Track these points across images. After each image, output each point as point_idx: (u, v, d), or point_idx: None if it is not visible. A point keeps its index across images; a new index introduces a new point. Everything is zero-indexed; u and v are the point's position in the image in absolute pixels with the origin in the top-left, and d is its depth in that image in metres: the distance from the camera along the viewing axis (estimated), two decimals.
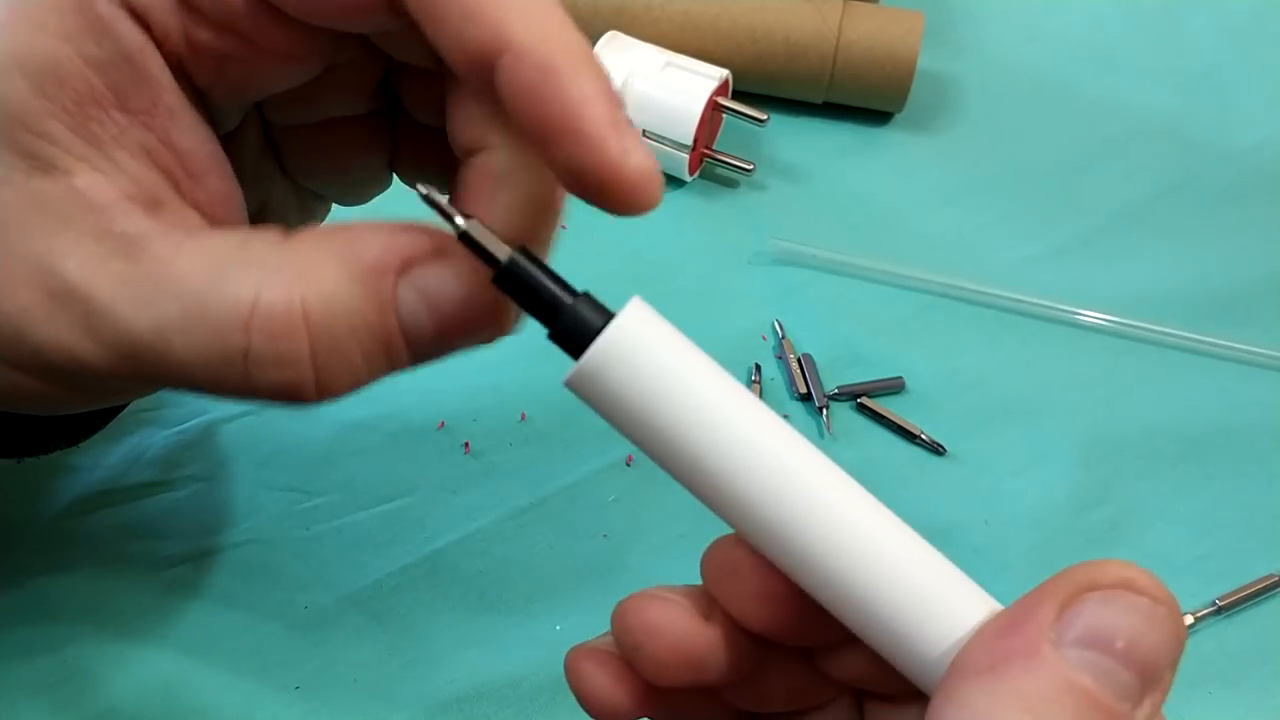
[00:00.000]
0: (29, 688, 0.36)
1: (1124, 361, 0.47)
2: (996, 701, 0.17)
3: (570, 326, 0.20)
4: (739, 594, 0.22)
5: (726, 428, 0.20)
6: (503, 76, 0.20)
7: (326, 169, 0.30)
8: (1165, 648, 0.18)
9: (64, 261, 0.21)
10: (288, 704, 0.36)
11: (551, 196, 0.23)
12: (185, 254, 0.21)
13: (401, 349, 0.22)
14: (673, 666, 0.22)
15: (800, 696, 0.24)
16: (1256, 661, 0.38)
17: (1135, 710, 0.18)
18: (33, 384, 0.23)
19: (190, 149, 0.24)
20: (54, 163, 0.22)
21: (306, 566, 0.39)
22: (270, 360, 0.21)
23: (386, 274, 0.21)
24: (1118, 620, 0.18)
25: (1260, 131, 0.56)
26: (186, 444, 0.42)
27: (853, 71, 0.53)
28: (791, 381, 0.45)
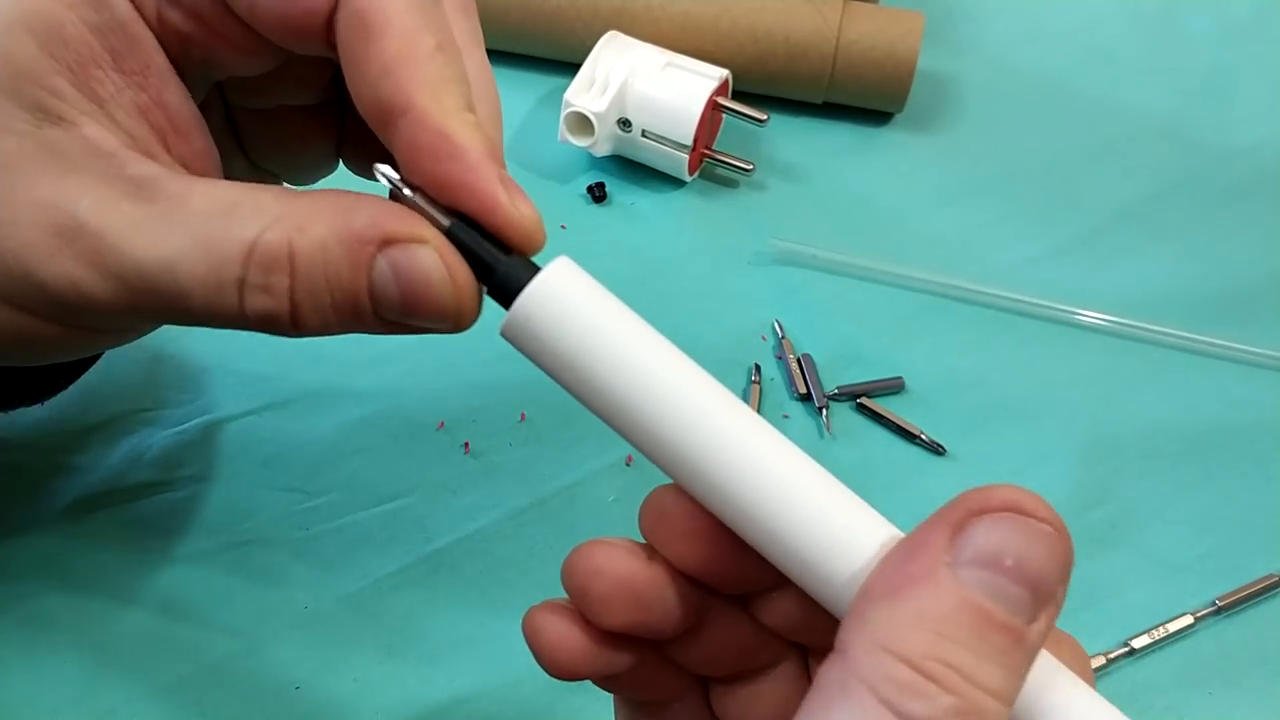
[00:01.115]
0: (29, 689, 0.36)
1: (1124, 361, 0.47)
2: (899, 622, 0.19)
3: (503, 281, 0.23)
4: (670, 536, 0.24)
5: (642, 369, 0.22)
6: (403, 132, 0.23)
7: (279, 151, 0.33)
8: (1052, 564, 0.19)
9: (75, 201, 0.24)
10: (288, 704, 0.36)
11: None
12: (198, 194, 0.24)
13: (367, 308, 0.24)
14: (617, 604, 0.24)
15: (746, 653, 0.25)
16: (1256, 661, 0.38)
17: (1029, 625, 0.19)
18: (32, 324, 0.25)
19: (177, 108, 0.26)
20: (62, 115, 0.24)
21: (306, 566, 0.39)
22: (258, 288, 0.24)
23: (368, 243, 0.23)
24: (1006, 540, 0.19)
25: (1260, 131, 0.56)
26: (186, 444, 0.42)
27: (853, 71, 0.53)
28: (791, 381, 0.45)
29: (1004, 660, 0.18)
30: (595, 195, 0.52)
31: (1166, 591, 0.40)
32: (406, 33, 0.24)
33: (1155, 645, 0.38)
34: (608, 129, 0.50)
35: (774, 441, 0.22)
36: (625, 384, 0.22)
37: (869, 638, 0.19)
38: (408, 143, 0.23)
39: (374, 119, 0.24)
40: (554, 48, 0.56)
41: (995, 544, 0.19)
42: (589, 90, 0.50)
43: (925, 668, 0.18)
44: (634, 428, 0.22)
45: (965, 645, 0.18)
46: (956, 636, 0.18)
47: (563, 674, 0.24)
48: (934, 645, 0.18)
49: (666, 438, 0.22)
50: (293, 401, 0.44)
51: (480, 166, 0.23)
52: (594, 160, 0.53)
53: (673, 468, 0.22)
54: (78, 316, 0.25)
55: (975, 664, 0.18)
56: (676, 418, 0.22)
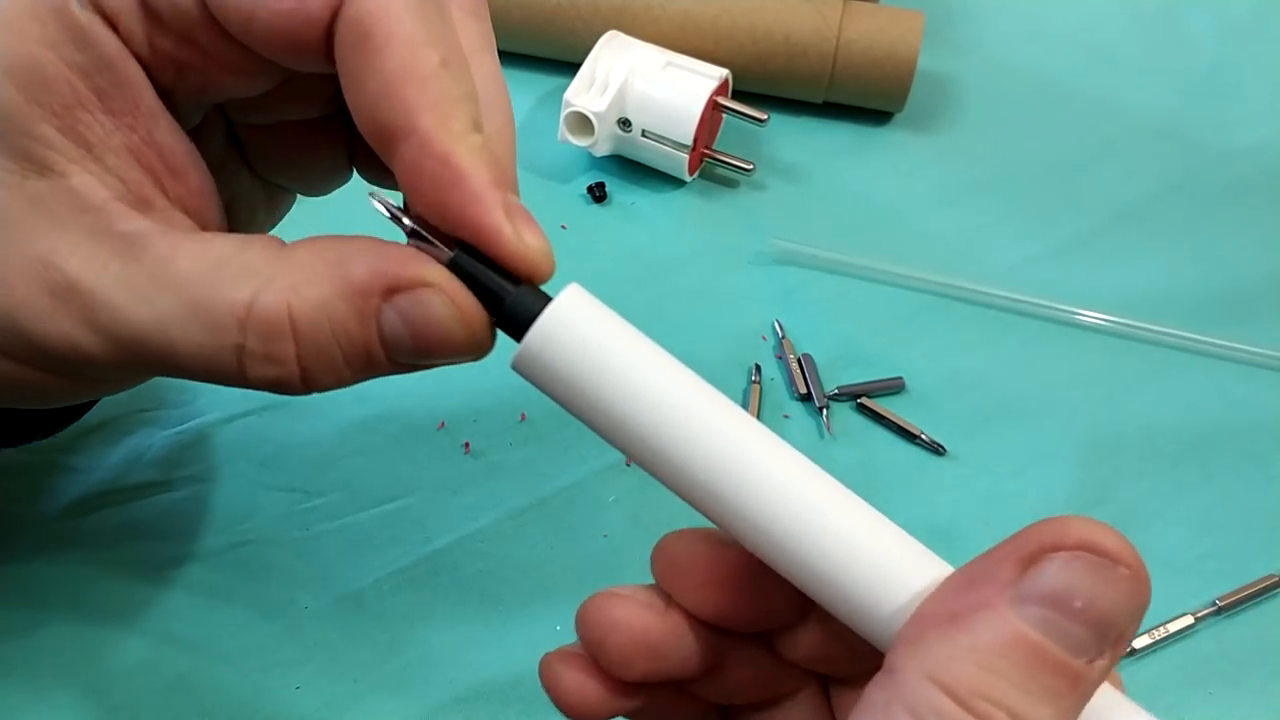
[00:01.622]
0: (29, 691, 0.36)
1: (1124, 361, 0.47)
2: (950, 650, 0.18)
3: (513, 312, 0.22)
4: (685, 587, 0.23)
5: (662, 399, 0.21)
6: (405, 156, 0.22)
7: (288, 165, 0.31)
8: (1124, 606, 0.18)
9: (66, 260, 0.23)
10: (288, 704, 0.36)
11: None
12: (184, 254, 0.23)
13: (381, 358, 0.23)
14: (634, 658, 0.23)
15: (766, 685, 0.25)
16: (1256, 661, 0.38)
17: (1089, 664, 0.18)
18: (29, 375, 0.24)
19: (170, 147, 0.25)
20: (49, 165, 0.23)
21: (306, 566, 0.39)
22: (261, 357, 0.23)
23: (371, 295, 0.23)
24: (1078, 582, 0.18)
25: (1260, 131, 0.56)
26: (186, 444, 0.42)
27: (853, 71, 0.53)
28: (791, 381, 0.45)
29: (1057, 702, 0.18)
30: (595, 195, 0.52)
31: (1166, 591, 0.40)
32: (409, 47, 0.22)
33: (1155, 645, 0.38)
34: (608, 129, 0.50)
35: (805, 471, 0.21)
36: (645, 417, 0.21)
37: (919, 664, 0.18)
38: (409, 168, 0.22)
39: (375, 140, 0.23)
40: (554, 47, 0.56)
41: (1066, 584, 0.18)
42: (589, 90, 0.50)
43: (972, 705, 0.17)
44: (658, 461, 0.21)
45: (1016, 684, 0.18)
46: (1008, 674, 0.18)
47: (580, 718, 0.24)
48: (983, 682, 0.18)
49: (693, 471, 0.21)
50: (293, 401, 0.43)
51: (484, 197, 0.22)
52: (594, 160, 0.53)
53: (700, 502, 0.21)
54: (75, 370, 0.24)
55: (1025, 704, 0.18)
56: (703, 450, 0.21)
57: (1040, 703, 0.18)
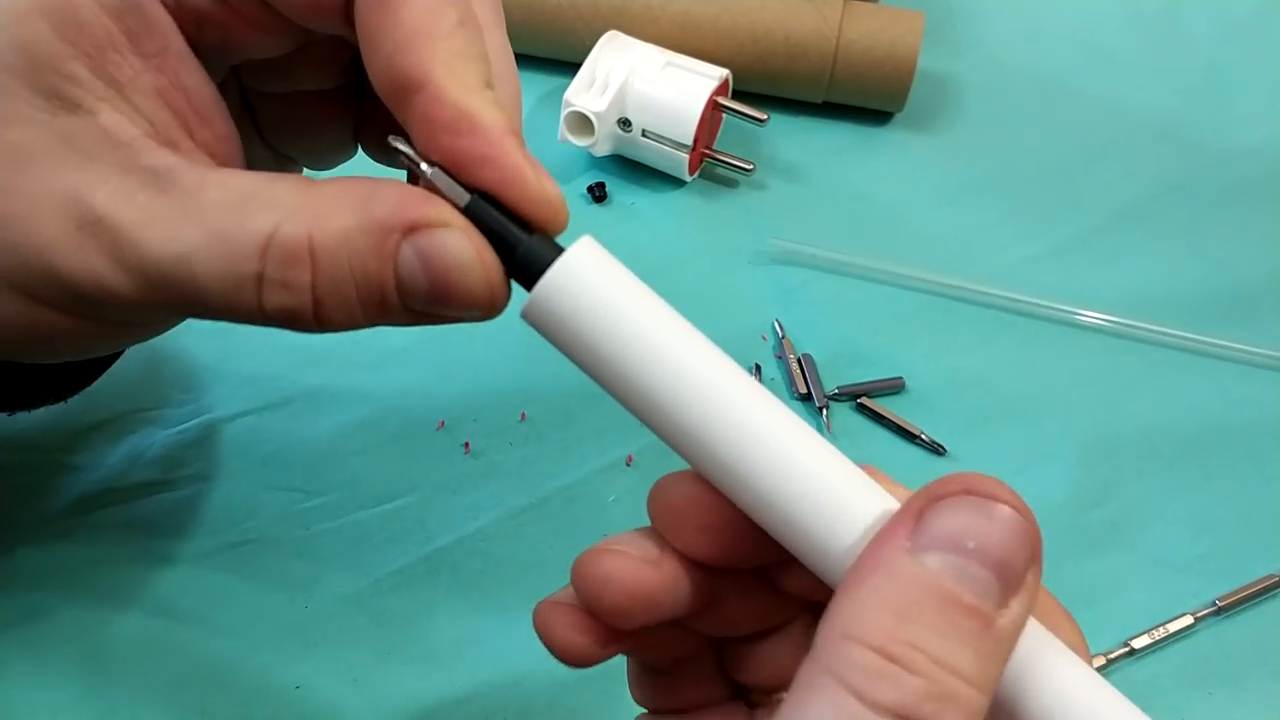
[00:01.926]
0: (31, 689, 0.36)
1: (1124, 361, 0.47)
2: (859, 607, 0.19)
3: (525, 261, 0.22)
4: (682, 529, 0.24)
5: (666, 352, 0.22)
6: (420, 108, 0.23)
7: (297, 135, 0.32)
8: (1015, 546, 0.19)
9: (93, 193, 0.23)
10: (288, 703, 0.36)
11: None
12: (212, 186, 0.23)
13: (394, 300, 0.23)
14: (631, 609, 0.23)
15: (761, 617, 0.25)
16: (1256, 661, 0.38)
17: (999, 609, 0.18)
18: (58, 320, 0.25)
19: (197, 91, 0.25)
20: (79, 102, 0.24)
21: (307, 566, 0.39)
22: (278, 283, 0.23)
23: (392, 231, 0.23)
24: (965, 523, 0.19)
25: (1260, 131, 0.56)
26: (187, 443, 0.42)
27: (853, 71, 0.53)
28: (791, 381, 0.45)
29: (974, 644, 0.18)
30: (595, 195, 0.52)
31: (1166, 591, 0.40)
32: (427, 6, 0.23)
33: (1155, 645, 0.38)
34: (608, 129, 0.50)
35: (786, 420, 0.22)
36: (648, 367, 0.21)
37: (833, 628, 0.19)
38: (425, 118, 0.23)
39: (390, 94, 0.24)
40: (554, 47, 0.56)
41: (954, 527, 0.19)
42: (589, 90, 0.50)
43: (890, 651, 0.18)
44: (654, 411, 0.22)
45: (930, 627, 0.18)
46: (920, 619, 0.18)
47: (575, 665, 0.24)
48: (897, 628, 0.18)
49: (688, 422, 0.21)
50: (293, 401, 0.44)
51: (502, 141, 0.22)
52: (594, 160, 0.53)
53: (691, 451, 0.22)
54: (101, 310, 0.24)
55: (942, 645, 0.18)
56: (699, 402, 0.21)
57: (957, 643, 0.18)
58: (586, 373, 0.22)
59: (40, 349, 0.26)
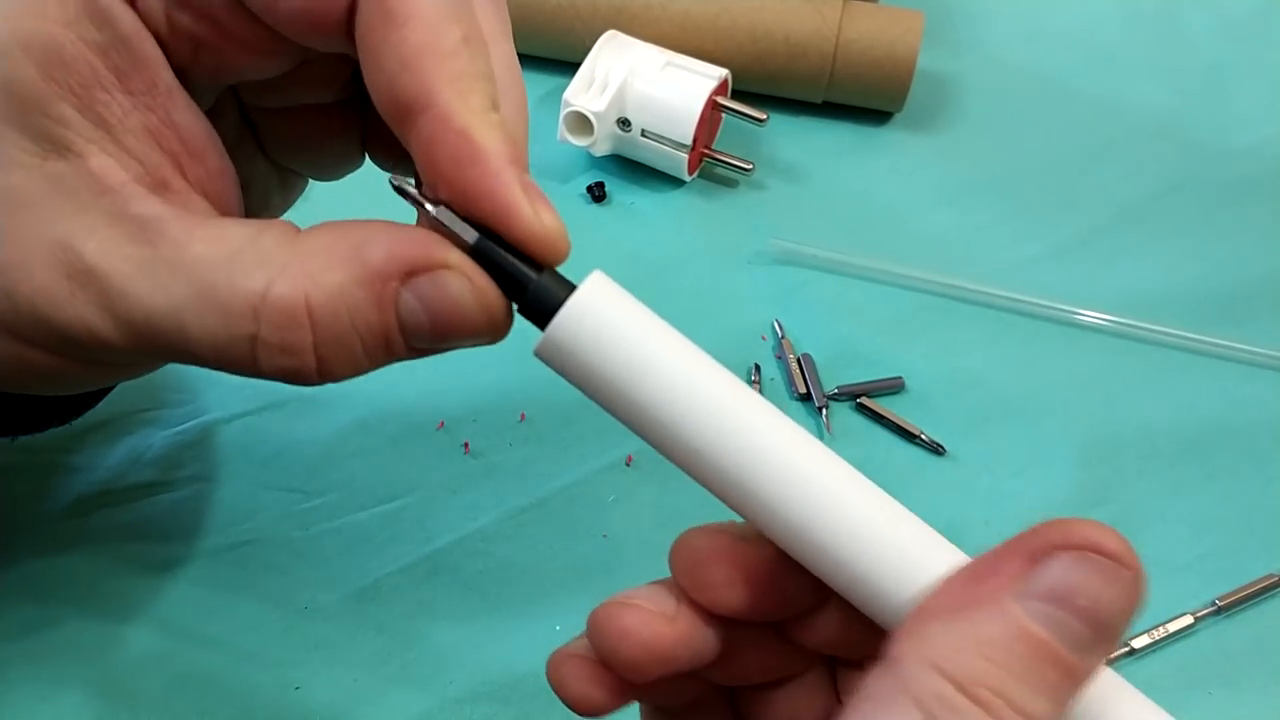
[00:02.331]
0: (30, 690, 0.36)
1: (1124, 361, 0.47)
2: (954, 642, 0.18)
3: (536, 299, 0.22)
4: (705, 585, 0.23)
5: (685, 388, 0.21)
6: (423, 131, 0.22)
7: (301, 150, 0.31)
8: (1123, 607, 0.18)
9: (83, 243, 0.23)
10: (288, 704, 0.36)
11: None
12: (199, 240, 0.23)
13: (400, 344, 0.23)
14: (646, 665, 0.23)
15: (776, 668, 0.25)
16: (1256, 661, 0.38)
17: (1084, 659, 0.18)
18: (49, 360, 0.24)
19: (188, 127, 0.25)
20: (68, 145, 0.23)
21: (306, 566, 0.39)
22: (276, 347, 0.22)
23: (389, 280, 0.22)
24: (1083, 581, 0.18)
25: (1260, 131, 0.56)
26: (186, 444, 0.42)
27: (852, 71, 0.53)
28: (791, 381, 0.45)
29: (1054, 694, 0.18)
30: (595, 195, 0.52)
31: (1166, 591, 0.40)
32: (431, 23, 0.22)
33: (1155, 645, 0.38)
34: (607, 128, 0.50)
35: (824, 458, 0.21)
36: (670, 406, 0.21)
37: (922, 653, 0.18)
38: (427, 142, 0.22)
39: (392, 115, 0.23)
40: (553, 47, 0.56)
41: (1072, 582, 0.18)
42: (588, 90, 0.50)
43: (975, 693, 0.18)
44: (681, 449, 0.21)
45: (1017, 676, 0.18)
46: (1010, 666, 0.18)
47: (589, 716, 0.24)
48: (986, 672, 0.18)
49: (716, 460, 0.21)
50: (292, 401, 0.44)
51: (502, 173, 0.22)
52: (593, 160, 0.53)
53: (720, 489, 0.22)
54: (94, 355, 0.24)
55: (1025, 695, 0.18)
56: (727, 439, 0.21)
57: (1038, 694, 0.18)
58: (606, 410, 0.22)
59: (32, 385, 0.26)
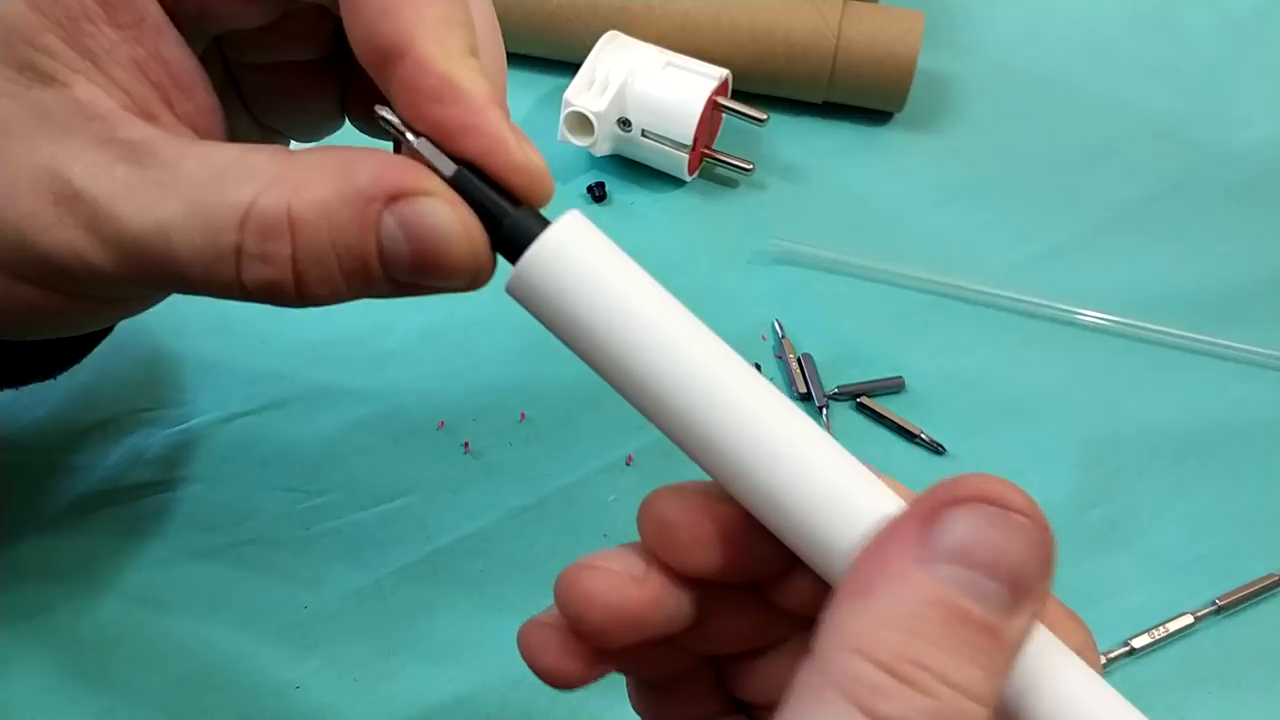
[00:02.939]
0: (32, 690, 0.36)
1: (1124, 361, 0.47)
2: (868, 621, 0.18)
3: (511, 234, 0.22)
4: (675, 546, 0.23)
5: (654, 331, 0.21)
6: (404, 76, 0.22)
7: (282, 107, 0.31)
8: (1031, 557, 0.18)
9: (69, 166, 0.23)
10: (288, 703, 0.36)
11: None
12: (190, 158, 0.23)
13: (378, 271, 0.23)
14: (615, 629, 0.23)
15: (756, 634, 0.25)
16: (1256, 661, 0.38)
17: (1007, 620, 0.18)
18: (38, 295, 0.24)
19: (176, 62, 0.25)
20: (53, 75, 0.23)
21: (307, 566, 0.39)
22: (256, 257, 0.22)
23: (374, 200, 0.22)
24: (980, 534, 0.18)
25: (1260, 131, 0.56)
26: (186, 444, 0.42)
27: (852, 71, 0.53)
28: (791, 381, 0.45)
29: (983, 660, 0.18)
30: (595, 195, 0.52)
31: (1166, 591, 0.40)
32: None
33: (1155, 645, 0.38)
34: (607, 128, 0.50)
35: (785, 409, 0.21)
36: (635, 343, 0.21)
37: (838, 639, 0.18)
38: (408, 86, 0.22)
39: (371, 61, 0.23)
40: (554, 47, 0.56)
41: (969, 538, 0.18)
42: (589, 90, 0.50)
43: (898, 670, 0.17)
44: (643, 393, 0.21)
45: (939, 645, 0.17)
46: (930, 635, 0.17)
47: (563, 688, 0.24)
48: (906, 645, 0.17)
49: (677, 404, 0.21)
50: (293, 401, 0.44)
51: (486, 110, 0.22)
52: (594, 160, 0.53)
53: (681, 435, 0.21)
54: (82, 285, 0.24)
55: (951, 664, 0.17)
56: (689, 384, 0.21)
57: (967, 661, 0.18)
58: (572, 349, 0.22)
59: (20, 326, 0.26)
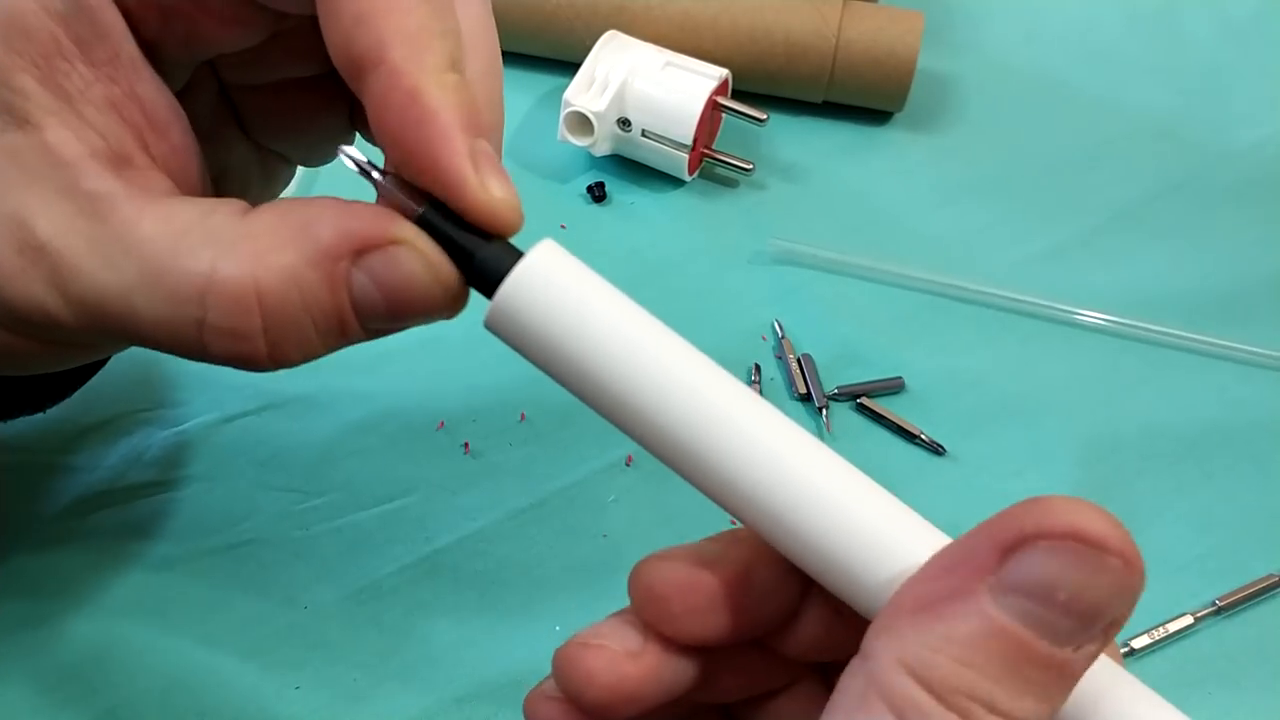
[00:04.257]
0: (30, 692, 0.36)
1: (1124, 361, 0.47)
2: (925, 640, 0.17)
3: (483, 269, 0.21)
4: (667, 616, 0.22)
5: (641, 360, 0.20)
6: (373, 89, 0.21)
7: (287, 128, 0.30)
8: (1113, 596, 0.17)
9: (35, 218, 0.22)
10: (288, 704, 0.36)
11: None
12: (148, 219, 0.22)
13: (354, 325, 0.22)
14: (615, 705, 0.22)
15: (763, 682, 0.24)
16: (1256, 661, 0.38)
17: (1077, 653, 0.17)
18: (7, 339, 0.24)
19: (152, 101, 0.24)
20: (26, 117, 0.22)
21: (306, 566, 0.39)
22: (224, 332, 0.22)
23: (340, 259, 0.21)
24: (1062, 573, 0.17)
25: (1260, 131, 0.56)
26: (186, 444, 0.42)
27: (852, 71, 0.53)
28: (791, 381, 0.45)
29: (1040, 692, 0.17)
30: (595, 195, 0.52)
31: (1166, 591, 0.40)
32: None
33: (1155, 645, 0.38)
34: (607, 128, 0.50)
35: (794, 435, 0.20)
36: (624, 377, 0.20)
37: (895, 653, 0.17)
38: (376, 100, 0.21)
39: (347, 72, 0.22)
40: (553, 47, 0.56)
41: (1049, 576, 0.17)
42: (589, 90, 0.50)
43: (949, 700, 0.17)
44: (636, 423, 0.21)
45: (994, 678, 0.17)
46: (986, 668, 0.17)
47: None
48: (961, 677, 0.17)
49: (671, 433, 0.20)
50: (293, 401, 0.43)
51: (450, 139, 0.21)
52: (594, 160, 0.53)
53: (679, 464, 0.21)
54: (49, 334, 0.23)
55: (1005, 697, 0.17)
56: (683, 412, 0.20)
57: (1021, 695, 0.17)
58: (560, 384, 0.21)
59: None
